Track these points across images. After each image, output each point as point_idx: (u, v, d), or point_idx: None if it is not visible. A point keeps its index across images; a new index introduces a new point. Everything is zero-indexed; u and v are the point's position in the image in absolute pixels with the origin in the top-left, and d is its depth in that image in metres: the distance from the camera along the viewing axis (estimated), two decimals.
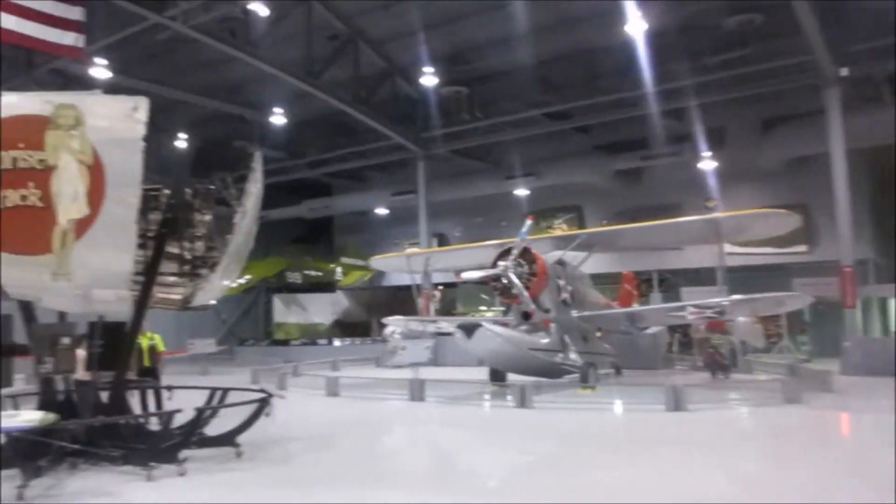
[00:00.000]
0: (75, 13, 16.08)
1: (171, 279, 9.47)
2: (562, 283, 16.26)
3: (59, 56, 18.39)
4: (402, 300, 28.01)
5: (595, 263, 19.30)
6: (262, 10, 18.52)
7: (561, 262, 16.80)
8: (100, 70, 20.18)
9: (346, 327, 33.67)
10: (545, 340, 15.43)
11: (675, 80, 22.10)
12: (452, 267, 22.59)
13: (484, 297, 29.52)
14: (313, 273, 33.48)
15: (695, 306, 15.52)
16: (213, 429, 8.57)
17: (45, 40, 15.61)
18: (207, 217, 9.56)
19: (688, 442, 9.45)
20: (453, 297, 31.93)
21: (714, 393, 14.17)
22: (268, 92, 24.98)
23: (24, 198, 6.86)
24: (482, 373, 16.26)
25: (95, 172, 6.97)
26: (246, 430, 8.46)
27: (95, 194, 6.95)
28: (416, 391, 13.87)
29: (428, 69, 23.28)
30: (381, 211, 33.97)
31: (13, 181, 6.84)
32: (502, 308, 25.25)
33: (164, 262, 8.55)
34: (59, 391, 8.13)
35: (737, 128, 26.49)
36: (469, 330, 14.12)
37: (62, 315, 8.13)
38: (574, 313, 16.24)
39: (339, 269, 33.79)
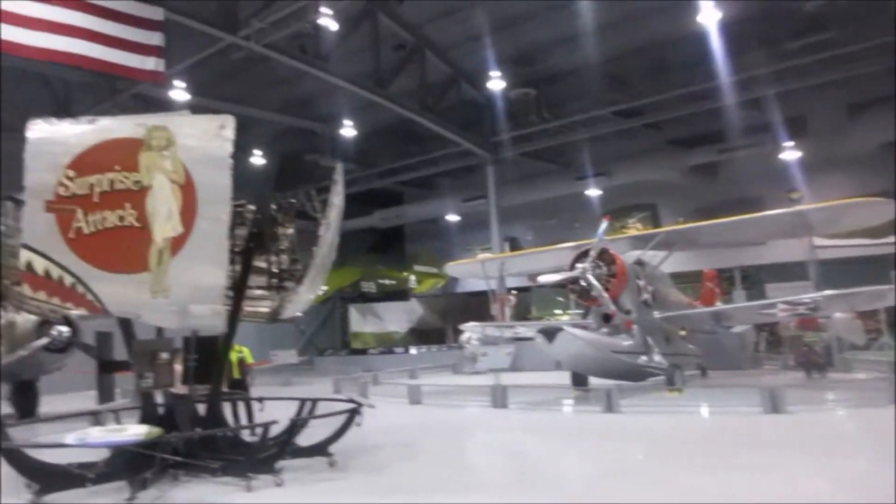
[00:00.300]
0: (155, 39, 16.75)
1: (259, 293, 9.69)
2: (642, 283, 15.85)
3: (141, 81, 19.17)
4: (475, 306, 27.95)
5: (672, 262, 18.75)
6: (332, 25, 18.83)
7: (640, 262, 16.39)
8: (179, 92, 20.92)
9: (422, 335, 33.84)
10: (628, 343, 15.07)
11: (751, 68, 21.33)
12: (527, 271, 22.40)
13: (560, 300, 29.14)
14: (387, 282, 33.83)
15: (786, 303, 14.84)
16: (303, 439, 8.69)
17: (127, 66, 16.31)
18: (290, 230, 9.75)
19: (792, 446, 8.99)
20: (528, 302, 31.66)
21: (812, 393, 13.49)
22: (337, 104, 25.40)
23: (121, 218, 7.10)
24: (562, 377, 15.99)
25: (187, 191, 7.17)
26: (338, 439, 8.51)
27: (188, 212, 7.14)
28: (499, 397, 13.74)
29: (494, 73, 23.23)
30: (452, 217, 34.02)
31: (111, 203, 7.10)
32: (579, 311, 24.89)
33: (251, 276, 8.77)
34: (159, 405, 8.38)
35: (820, 115, 25.34)
36: (550, 334, 13.91)
37: (159, 331, 8.38)
38: (656, 314, 15.80)
39: (412, 278, 34.02)
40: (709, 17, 18.44)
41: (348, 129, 26.64)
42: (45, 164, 7.14)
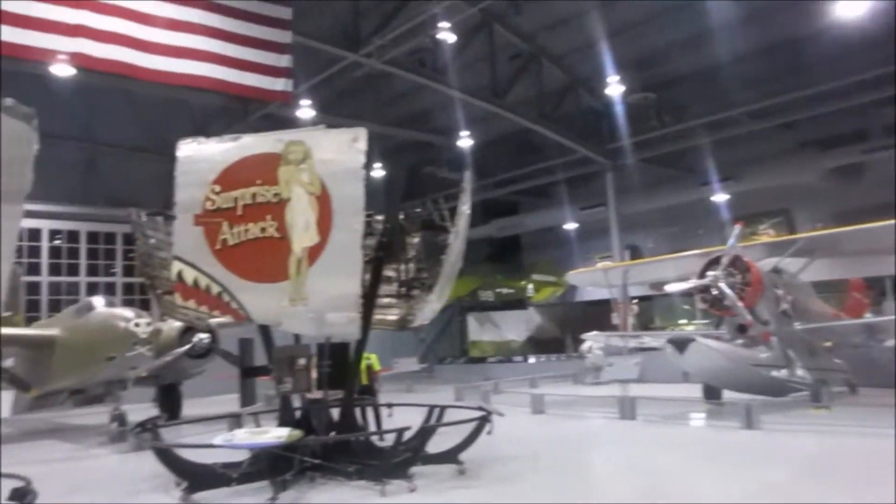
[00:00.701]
0: (284, 61, 17.60)
1: (387, 301, 9.90)
2: (780, 292, 14.88)
3: (271, 102, 20.18)
4: (594, 315, 27.32)
5: (813, 271, 17.48)
6: (450, 38, 19.07)
7: (777, 270, 15.42)
8: (305, 111, 21.85)
9: (540, 344, 33.48)
10: (765, 355, 14.17)
11: None
12: (650, 279, 21.64)
13: (686, 308, 27.98)
14: (505, 291, 33.77)
15: None
16: (430, 446, 8.73)
17: (259, 88, 17.23)
18: (416, 240, 9.90)
19: None
20: (650, 311, 30.63)
21: None
22: (454, 116, 25.68)
23: (263, 230, 7.46)
24: (692, 390, 15.28)
25: (323, 202, 7.43)
26: (468, 447, 8.50)
27: (324, 223, 7.40)
28: (627, 409, 13.30)
29: (612, 78, 22.72)
30: (570, 226, 33.54)
31: (253, 215, 7.48)
32: (706, 321, 23.75)
33: (380, 284, 8.97)
34: (296, 409, 8.71)
35: None
36: (681, 345, 13.31)
37: (297, 337, 8.71)
38: (797, 325, 14.79)
39: (530, 286, 33.77)
40: (848, 9, 17.26)
41: (465, 141, 26.87)
42: (194, 180, 7.62)
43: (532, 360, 30.08)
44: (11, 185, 4.78)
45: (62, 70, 17.05)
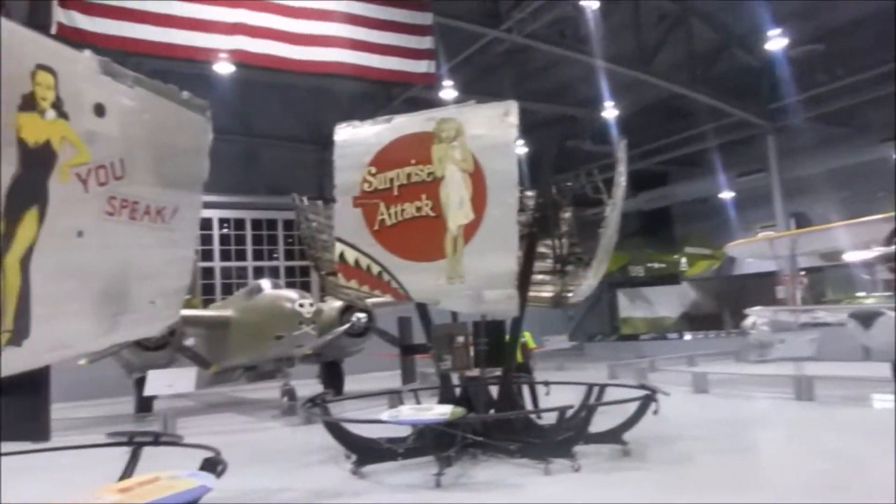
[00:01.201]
0: (426, 43, 17.74)
1: (540, 277, 9.71)
2: None
3: (415, 85, 20.46)
4: (756, 289, 25.58)
5: None
6: (593, 5, 18.39)
7: None
8: (447, 92, 21.97)
9: (695, 320, 31.93)
10: None
11: None
12: (822, 249, 19.90)
13: (865, 279, 25.50)
14: (656, 265, 32.44)
15: None
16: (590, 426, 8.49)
17: (402, 71, 17.50)
18: (568, 214, 9.62)
19: None
20: (821, 283, 28.24)
21: None
22: (597, 87, 24.83)
23: (418, 209, 7.52)
24: (875, 369, 13.86)
25: (476, 178, 7.36)
26: (632, 427, 8.19)
27: (478, 199, 7.33)
28: (804, 389, 12.30)
29: (773, 32, 20.93)
30: (725, 195, 31.55)
31: (409, 195, 7.55)
32: (888, 293, 21.52)
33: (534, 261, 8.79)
34: (456, 386, 8.78)
35: None
36: (867, 319, 12.10)
37: (454, 315, 8.76)
38: None
39: (683, 260, 32.21)
40: None
41: (610, 111, 25.92)
42: (351, 163, 7.80)
43: (688, 336, 28.77)
44: (190, 174, 5.09)
45: (223, 68, 18.25)
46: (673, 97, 24.62)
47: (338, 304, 16.96)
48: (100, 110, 4.23)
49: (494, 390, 8.97)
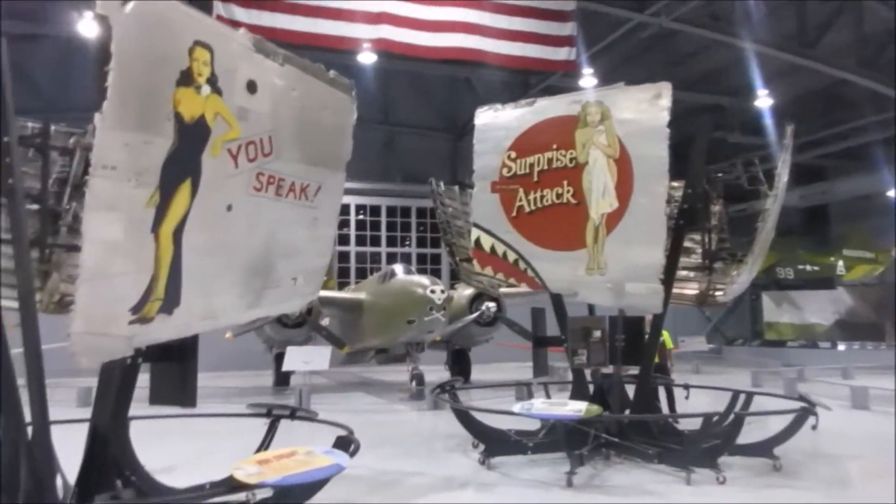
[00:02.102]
0: (567, 29, 17.27)
1: (683, 273, 9.12)
2: None
3: (554, 72, 20.00)
4: None
5: None
6: None
7: None
8: (587, 80, 21.31)
9: (850, 329, 29.29)
10: None
11: None
12: None
13: None
14: (808, 268, 30.04)
15: None
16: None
17: (541, 59, 17.13)
18: (718, 207, 8.97)
19: None
20: None
21: None
22: (751, 73, 23.19)
23: (559, 196, 7.21)
24: None
25: (622, 165, 6.95)
26: (785, 441, 7.49)
27: (623, 187, 6.93)
28: None
29: None
30: (892, 193, 28.66)
31: (549, 181, 7.26)
32: None
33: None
34: (589, 382, 8.42)
35: None
36: None
37: (591, 308, 8.39)
38: None
39: (840, 263, 29.62)
40: None
41: (763, 100, 24.15)
42: (490, 147, 7.61)
43: (841, 346, 26.44)
44: (334, 153, 5.09)
45: (365, 57, 18.68)
46: (836, 84, 22.55)
47: (468, 291, 16.95)
48: (252, 87, 4.28)
49: (627, 389, 8.52)
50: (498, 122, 7.67)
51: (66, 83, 22.08)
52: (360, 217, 28.27)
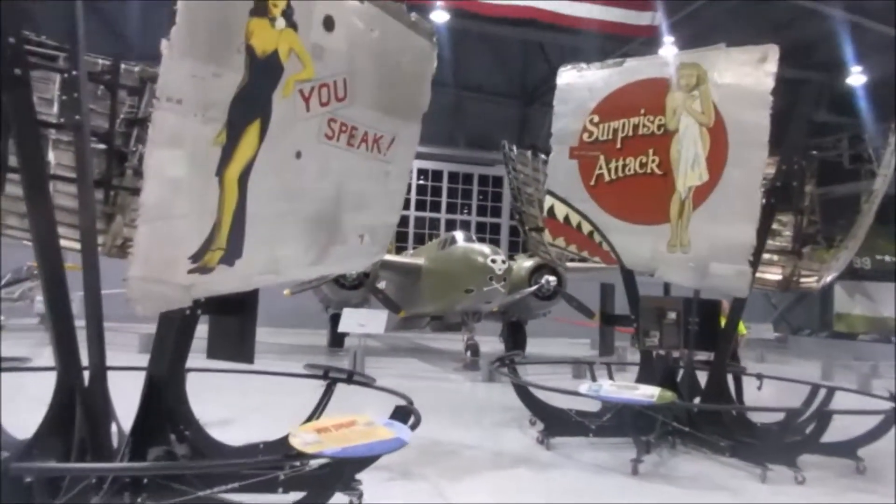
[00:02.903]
0: None
1: (768, 256, 8.51)
2: None
3: (632, 40, 19.12)
4: None
5: None
6: None
7: None
8: (668, 48, 20.31)
9: None
10: None
11: None
12: None
13: None
14: (887, 258, 28.44)
15: None
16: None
17: (623, 24, 16.34)
18: (810, 187, 8.31)
19: None
20: None
21: None
22: (845, 47, 21.74)
23: (643, 165, 6.72)
24: None
25: (716, 134, 6.39)
26: (871, 442, 6.91)
27: (716, 158, 6.38)
28: None
29: None
30: None
31: (634, 149, 6.77)
32: None
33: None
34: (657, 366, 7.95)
35: None
36: None
37: (666, 288, 7.90)
38: None
39: None
40: None
41: (856, 77, 22.66)
42: (571, 109, 7.14)
43: None
44: (411, 102, 4.72)
45: (437, 16, 18.15)
46: None
47: (528, 263, 16.52)
48: (329, 24, 3.93)
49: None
50: (581, 82, 7.16)
51: (151, 31, 22.20)
52: (421, 182, 27.97)
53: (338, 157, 4.12)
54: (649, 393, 6.24)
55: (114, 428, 4.94)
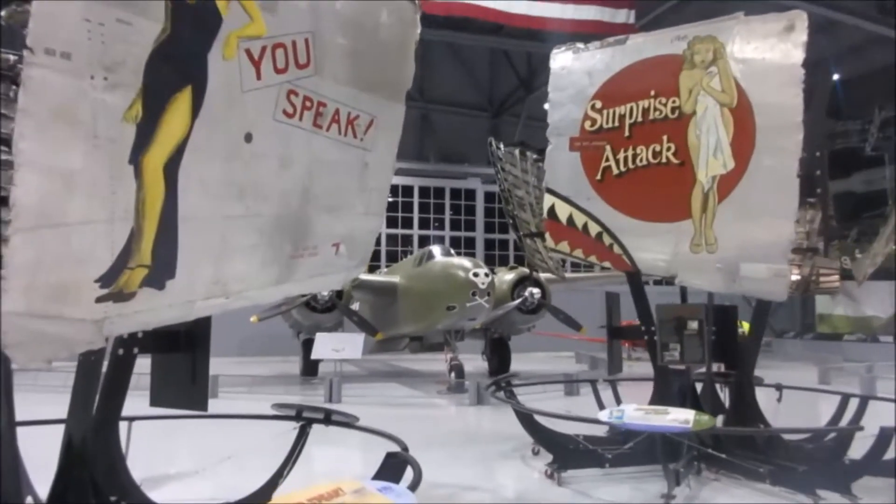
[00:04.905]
0: None
1: None
2: None
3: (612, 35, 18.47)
4: None
5: None
6: None
7: None
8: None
9: None
10: None
11: None
12: None
13: None
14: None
15: None
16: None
17: (599, 21, 15.63)
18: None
19: None
20: None
21: None
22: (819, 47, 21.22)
23: (657, 155, 5.85)
24: None
25: (741, 115, 5.55)
26: None
27: (742, 143, 5.53)
28: None
29: None
30: None
31: (644, 136, 5.90)
32: None
33: None
34: (675, 383, 7.05)
35: None
36: None
37: (684, 294, 7.02)
38: None
39: None
40: None
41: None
42: (570, 96, 6.27)
43: None
44: (392, 77, 3.76)
45: None
46: None
47: (509, 276, 15.65)
48: None
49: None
50: (579, 65, 6.29)
51: None
52: (391, 198, 27.01)
53: (302, 141, 3.14)
54: (682, 418, 5.31)
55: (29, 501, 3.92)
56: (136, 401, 4.30)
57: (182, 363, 4.29)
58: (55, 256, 2.25)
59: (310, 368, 15.80)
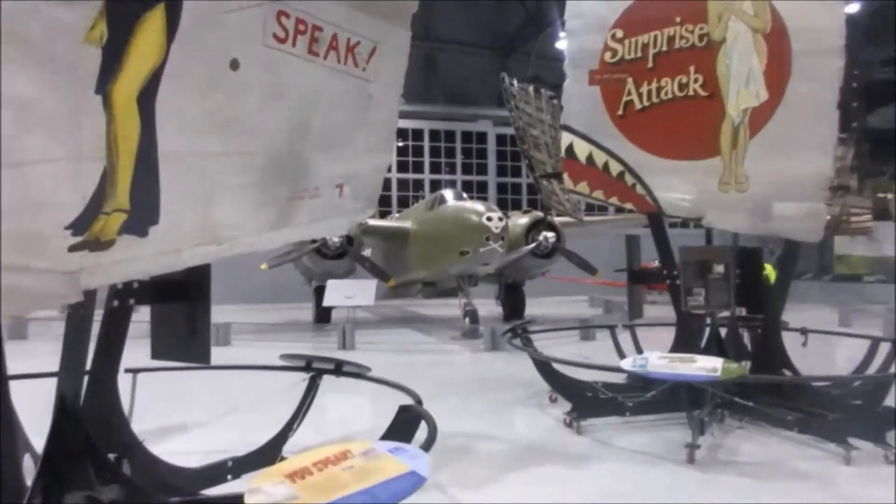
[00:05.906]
0: None
1: None
2: None
3: None
4: None
5: None
6: None
7: None
8: None
9: None
10: None
11: None
12: None
13: None
14: (889, 195, 27.54)
15: None
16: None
17: None
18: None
19: None
20: None
21: None
22: None
23: (683, 87, 5.46)
24: None
25: (775, 41, 5.14)
26: None
27: (776, 72, 5.13)
28: None
29: None
30: None
31: (670, 67, 5.50)
32: None
33: None
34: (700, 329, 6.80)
35: None
36: None
37: (709, 236, 6.71)
38: None
39: None
40: None
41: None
42: (588, 25, 5.85)
43: None
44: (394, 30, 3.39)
45: None
46: None
47: (523, 220, 15.32)
48: None
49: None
50: None
51: None
52: (401, 143, 26.52)
53: (296, 69, 2.80)
54: (710, 366, 5.06)
55: (27, 461, 3.76)
56: (144, 350, 4.14)
57: (182, 314, 4.07)
58: (12, 200, 1.97)
59: (323, 315, 15.71)
